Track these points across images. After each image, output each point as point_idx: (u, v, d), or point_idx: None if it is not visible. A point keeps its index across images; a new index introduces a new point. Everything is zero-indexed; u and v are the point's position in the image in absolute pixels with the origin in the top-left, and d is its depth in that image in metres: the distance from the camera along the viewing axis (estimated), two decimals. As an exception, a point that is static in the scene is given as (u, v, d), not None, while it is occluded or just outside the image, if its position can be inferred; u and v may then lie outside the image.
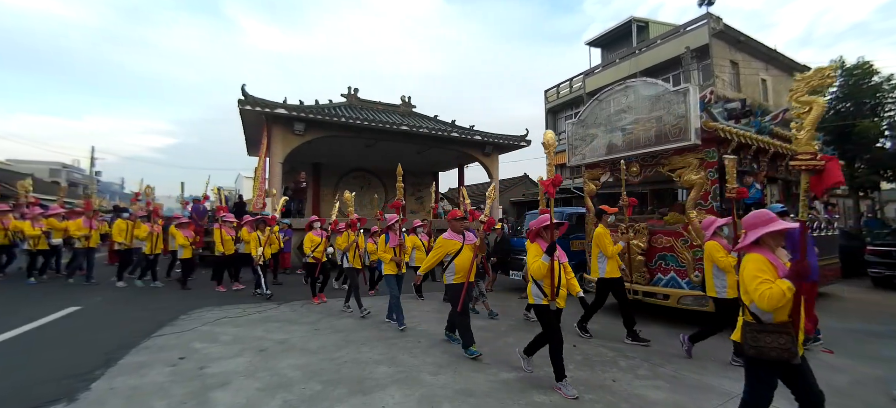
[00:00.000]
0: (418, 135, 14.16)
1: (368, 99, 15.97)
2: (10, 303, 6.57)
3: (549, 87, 26.19)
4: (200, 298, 7.31)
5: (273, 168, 12.21)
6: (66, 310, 6.13)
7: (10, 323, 5.25)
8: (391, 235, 5.84)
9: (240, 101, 11.47)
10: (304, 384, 3.59)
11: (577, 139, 7.37)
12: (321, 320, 5.98)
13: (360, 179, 18.42)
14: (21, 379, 3.60)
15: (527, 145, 16.23)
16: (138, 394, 3.35)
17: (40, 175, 29.80)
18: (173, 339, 4.88)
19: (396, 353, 4.46)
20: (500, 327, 5.75)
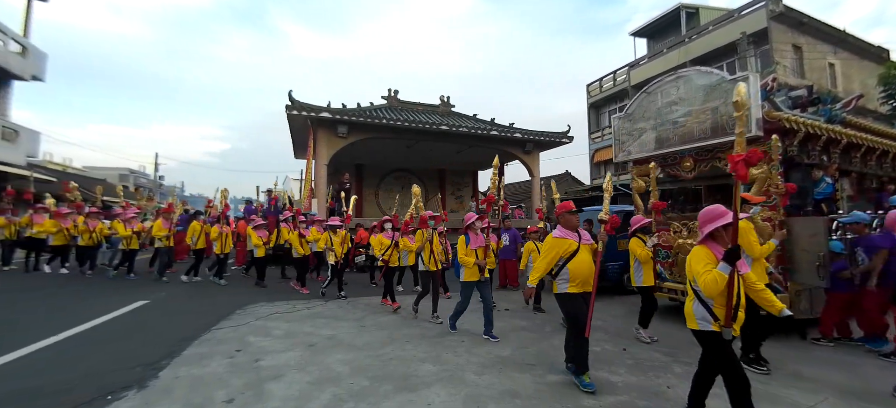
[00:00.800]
0: (457, 134, 14.16)
1: (408, 100, 16.16)
2: (86, 297, 7.21)
3: (591, 81, 25.40)
4: (253, 295, 7.70)
5: (318, 170, 12.65)
6: (136, 304, 6.64)
7: (87, 315, 5.74)
8: (472, 236, 5.25)
9: (287, 106, 11.96)
10: (351, 379, 3.68)
11: (624, 134, 7.08)
12: (366, 317, 6.12)
13: (401, 179, 18.67)
14: (97, 367, 3.92)
15: (568, 142, 15.81)
16: (201, 384, 3.56)
17: (111, 180, 32.55)
18: (230, 332, 5.16)
19: (441, 351, 4.48)
20: (545, 327, 5.63)
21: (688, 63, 17.54)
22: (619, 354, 4.55)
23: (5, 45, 15.11)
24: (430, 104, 16.29)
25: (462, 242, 5.22)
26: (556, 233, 3.89)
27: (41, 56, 16.74)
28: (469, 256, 5.13)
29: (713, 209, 2.77)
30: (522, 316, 6.23)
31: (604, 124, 24.30)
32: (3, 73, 15.51)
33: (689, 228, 5.94)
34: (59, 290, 7.84)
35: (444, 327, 5.54)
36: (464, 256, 5.16)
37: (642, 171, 6.90)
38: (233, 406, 3.16)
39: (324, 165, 12.69)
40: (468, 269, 5.15)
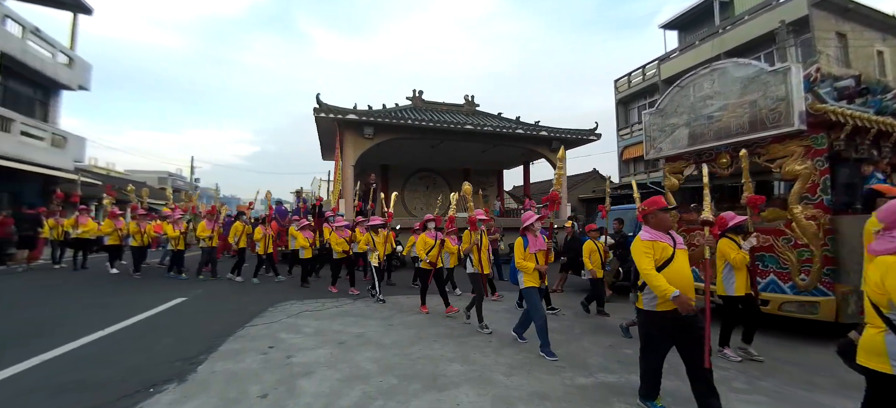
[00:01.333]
0: (482, 133, 14.13)
1: (432, 101, 16.24)
2: (129, 295, 7.58)
3: (619, 76, 24.80)
4: (283, 293, 7.90)
5: (345, 171, 12.86)
6: (175, 301, 6.94)
7: (130, 311, 6.05)
8: (531, 239, 4.63)
9: (315, 109, 12.23)
10: (380, 377, 3.72)
11: (656, 130, 6.88)
12: (393, 315, 6.18)
13: (426, 179, 18.79)
14: (140, 361, 4.11)
15: (596, 139, 15.51)
16: (236, 379, 3.68)
17: (151, 183, 34.10)
18: (263, 329, 5.32)
19: (468, 352, 4.47)
20: (574, 329, 5.54)
21: (722, 55, 16.85)
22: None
23: (54, 57, 16.08)
24: (454, 104, 16.32)
25: (519, 245, 4.67)
26: (643, 235, 3.13)
27: (86, 67, 17.72)
28: (528, 260, 4.58)
29: None
30: (550, 317, 6.12)
31: (633, 120, 23.68)
32: (52, 84, 16.51)
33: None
34: (105, 287, 8.28)
35: (471, 326, 5.52)
36: (522, 260, 4.59)
37: (675, 168, 6.68)
38: (266, 401, 3.24)
39: (350, 166, 12.91)
40: (528, 275, 4.60)
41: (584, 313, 6.48)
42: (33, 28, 14.85)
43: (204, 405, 3.16)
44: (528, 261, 4.59)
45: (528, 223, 4.74)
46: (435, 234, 6.63)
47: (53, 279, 9.20)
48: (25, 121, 14.35)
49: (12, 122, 13.60)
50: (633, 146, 22.91)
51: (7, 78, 14.28)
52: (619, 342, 4.98)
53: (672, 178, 6.69)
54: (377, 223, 7.85)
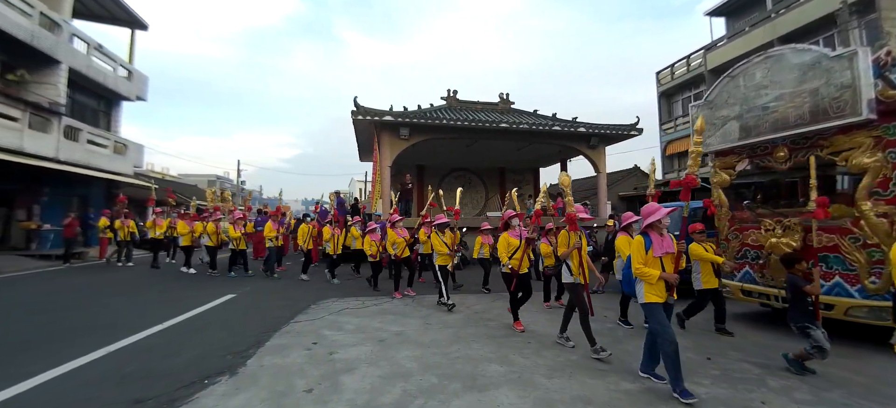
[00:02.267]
0: (517, 131, 13.95)
1: (467, 100, 16.20)
2: (185, 291, 8.06)
3: (661, 68, 23.76)
4: (325, 291, 8.14)
5: (382, 171, 13.08)
6: (225, 297, 7.32)
7: (186, 306, 6.44)
8: (655, 239, 3.59)
9: (352, 111, 12.51)
10: (420, 376, 3.75)
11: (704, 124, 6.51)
12: (431, 314, 6.22)
13: (461, 178, 18.77)
14: (195, 354, 4.35)
15: (638, 134, 14.93)
16: (283, 373, 3.82)
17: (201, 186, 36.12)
18: (307, 326, 5.50)
19: (507, 352, 4.43)
20: (617, 332, 5.36)
21: (775, 42, 15.78)
22: (701, 363, 4.21)
23: (115, 71, 17.35)
24: (489, 102, 16.21)
25: (639, 245, 3.60)
26: None
27: (143, 79, 19.01)
28: (652, 266, 3.53)
29: None
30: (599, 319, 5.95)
31: (677, 114, 22.65)
32: (114, 95, 17.84)
33: (785, 225, 5.34)
34: (163, 285, 8.85)
35: (508, 328, 5.45)
36: (643, 266, 3.53)
37: (726, 163, 6.33)
38: (312, 396, 3.35)
39: (387, 167, 13.11)
40: (651, 286, 3.53)
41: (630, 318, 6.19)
42: (97, 45, 16.09)
43: (254, 398, 3.30)
44: (652, 267, 3.53)
45: (651, 219, 3.63)
46: (519, 232, 5.68)
47: (118, 276, 9.94)
48: (91, 130, 15.58)
49: (79, 131, 14.80)
50: (677, 141, 21.91)
51: (74, 91, 15.55)
52: (665, 346, 4.77)
53: (722, 173, 6.34)
54: (443, 222, 7.45)
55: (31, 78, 13.29)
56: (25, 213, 14.06)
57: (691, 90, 21.77)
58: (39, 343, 4.61)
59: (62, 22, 14.13)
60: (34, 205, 14.25)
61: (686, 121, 21.42)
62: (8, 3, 12.01)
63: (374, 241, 8.10)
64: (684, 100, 22.34)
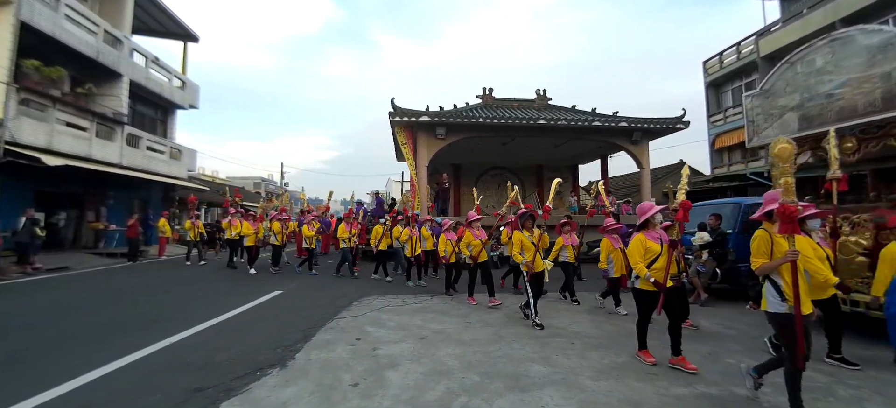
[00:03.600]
0: (556, 128, 13.69)
1: (503, 97, 16.07)
2: (237, 287, 8.49)
3: (709, 57, 22.54)
4: (368, 288, 8.33)
5: (419, 171, 13.22)
6: (273, 293, 7.65)
7: (238, 302, 6.78)
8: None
9: (390, 113, 12.73)
10: (462, 374, 3.76)
11: (759, 114, 6.15)
12: (471, 313, 6.22)
13: (498, 176, 18.66)
14: (248, 346, 4.57)
15: (684, 128, 14.27)
16: (330, 367, 3.95)
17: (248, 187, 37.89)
18: (350, 322, 5.65)
19: (550, 353, 4.35)
20: (665, 334, 5.13)
21: (838, 23, 14.58)
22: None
23: (170, 81, 18.52)
24: (525, 99, 16.01)
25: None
26: None
27: (195, 88, 20.19)
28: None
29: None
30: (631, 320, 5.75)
31: (726, 105, 21.41)
32: (169, 104, 19.06)
33: (853, 222, 4.93)
34: (219, 281, 9.36)
35: (552, 327, 5.35)
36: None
37: (784, 156, 5.91)
38: (358, 390, 3.43)
39: (424, 167, 13.23)
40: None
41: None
42: (154, 58, 17.24)
43: (303, 390, 3.42)
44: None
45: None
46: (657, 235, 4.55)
47: (178, 273, 10.62)
48: (150, 137, 16.73)
49: (140, 138, 15.93)
50: (727, 133, 20.70)
51: (134, 101, 16.74)
52: (719, 350, 4.54)
53: (781, 167, 5.93)
54: (526, 213, 6.33)
55: (98, 91, 14.43)
56: (94, 214, 15.31)
57: (742, 79, 20.53)
58: (112, 333, 5.00)
59: (123, 38, 15.25)
60: (101, 207, 15.48)
61: (737, 112, 20.21)
62: (77, 23, 13.11)
63: (450, 240, 7.50)
64: (734, 90, 21.10)
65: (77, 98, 13.60)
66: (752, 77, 19.79)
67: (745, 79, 20.26)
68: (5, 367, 3.89)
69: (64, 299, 7.19)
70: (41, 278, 9.54)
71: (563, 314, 6.13)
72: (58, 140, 12.21)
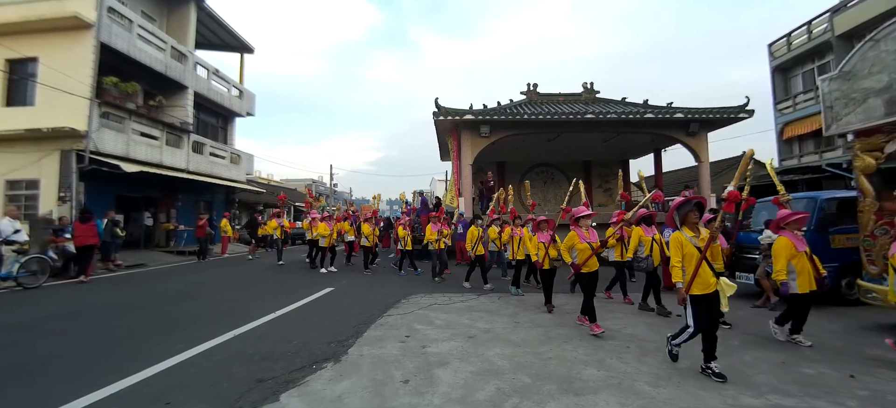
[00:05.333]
0: (605, 121, 13.18)
1: (548, 92, 15.72)
2: (293, 284, 8.91)
3: (775, 39, 20.80)
4: (412, 287, 8.45)
5: (464, 170, 13.22)
6: (326, 290, 7.96)
7: (294, 298, 7.11)
8: None
9: (434, 112, 12.81)
10: (513, 375, 3.70)
11: (838, 99, 5.59)
12: (519, 313, 6.14)
13: (543, 174, 18.27)
14: (304, 340, 4.77)
15: (748, 117, 13.25)
16: (381, 363, 4.04)
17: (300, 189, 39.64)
18: (399, 319, 5.75)
19: (604, 356, 4.19)
20: (732, 340, 4.79)
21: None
22: (843, 380, 3.60)
23: (229, 91, 19.76)
24: (571, 93, 15.57)
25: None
26: None
27: (251, 97, 21.39)
28: None
29: None
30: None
31: (795, 90, 19.67)
32: (228, 113, 20.33)
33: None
34: (279, 278, 9.87)
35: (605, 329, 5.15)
36: None
37: (870, 144, 5.34)
38: (408, 387, 3.48)
39: (468, 165, 13.21)
40: None
41: (746, 324, 5.49)
42: (214, 70, 18.45)
43: (356, 384, 3.52)
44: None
45: None
46: None
47: (242, 270, 11.32)
48: (212, 144, 17.93)
49: (204, 145, 17.11)
50: (797, 122, 19.02)
51: (198, 111, 18.00)
52: (794, 359, 4.16)
53: (866, 157, 5.35)
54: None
55: (167, 102, 15.68)
56: (165, 216, 16.67)
57: (814, 62, 18.77)
58: (185, 325, 5.41)
59: (188, 53, 16.44)
60: (172, 209, 16.83)
61: (808, 98, 18.53)
62: (147, 41, 14.30)
63: (543, 242, 6.27)
64: (805, 73, 19.34)
65: (149, 110, 14.85)
66: (825, 59, 18.04)
67: (818, 61, 18.51)
68: (99, 353, 4.31)
69: (143, 294, 7.88)
70: (122, 274, 10.52)
71: (616, 316, 5.89)
72: (134, 148, 13.40)
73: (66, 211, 11.37)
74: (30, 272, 8.36)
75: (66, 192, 11.64)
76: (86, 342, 4.71)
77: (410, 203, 13.28)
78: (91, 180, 12.19)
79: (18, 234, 8.54)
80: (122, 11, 13.27)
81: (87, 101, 11.81)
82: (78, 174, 11.78)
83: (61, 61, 11.85)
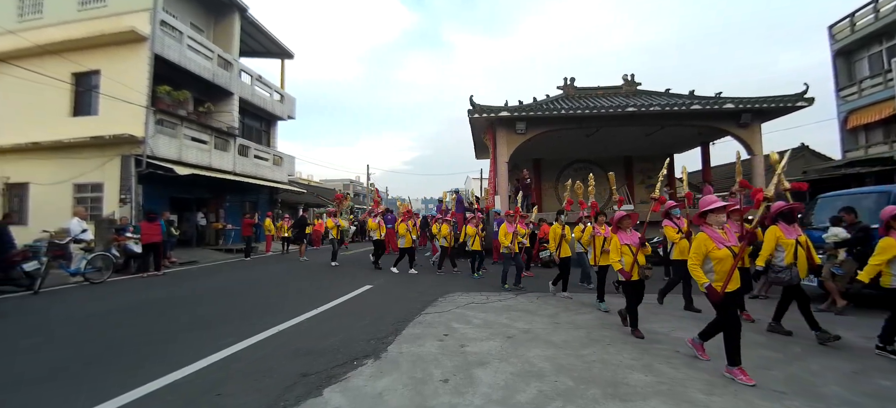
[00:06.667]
0: (647, 114, 12.66)
1: (586, 86, 15.30)
2: (334, 282, 9.13)
3: (835, 20, 19.22)
4: (449, 285, 8.45)
5: (500, 167, 13.08)
6: (364, 287, 8.10)
7: (334, 295, 7.26)
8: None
9: (469, 110, 12.76)
10: (555, 377, 3.60)
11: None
12: (559, 313, 5.99)
13: (581, 171, 17.79)
14: (344, 337, 4.86)
15: (807, 106, 12.32)
16: (420, 361, 4.04)
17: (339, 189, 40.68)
18: (437, 317, 5.76)
19: (651, 360, 4.00)
20: (794, 347, 4.45)
21: None
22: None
23: (271, 96, 20.54)
24: (611, 87, 15.09)
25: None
26: None
27: (292, 101, 22.15)
28: None
29: None
30: (756, 329, 5.08)
31: (861, 75, 18.09)
32: (271, 117, 21.14)
33: None
34: (319, 275, 10.18)
35: (651, 333, 4.93)
36: None
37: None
38: (448, 386, 3.46)
39: (504, 163, 13.07)
40: None
41: (808, 328, 5.03)
42: (257, 76, 19.24)
43: (396, 382, 3.54)
44: None
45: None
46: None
47: (284, 267, 11.75)
48: (256, 147, 18.71)
49: (248, 148, 17.89)
50: (863, 109, 17.49)
51: (243, 116, 18.82)
52: (867, 368, 3.81)
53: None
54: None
55: (214, 109, 16.50)
56: (215, 215, 17.58)
57: (882, 43, 17.20)
58: (233, 319, 5.67)
59: (233, 61, 17.23)
60: (220, 209, 17.72)
61: (875, 83, 17.01)
62: (196, 51, 15.11)
63: (628, 244, 5.04)
64: (872, 56, 17.77)
65: (199, 116, 15.69)
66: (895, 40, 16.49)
67: (887, 42, 16.96)
68: (157, 346, 4.57)
69: (195, 289, 8.33)
70: (176, 271, 11.17)
71: (661, 318, 5.62)
72: (185, 153, 14.20)
73: (127, 212, 12.22)
74: (95, 269, 9.02)
75: (126, 194, 12.52)
76: (145, 335, 5.01)
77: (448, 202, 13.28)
78: (148, 183, 13.03)
79: (85, 233, 9.24)
80: (174, 24, 14.08)
81: (144, 109, 12.63)
82: (136, 177, 12.63)
83: (120, 73, 12.75)
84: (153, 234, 10.32)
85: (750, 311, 5.66)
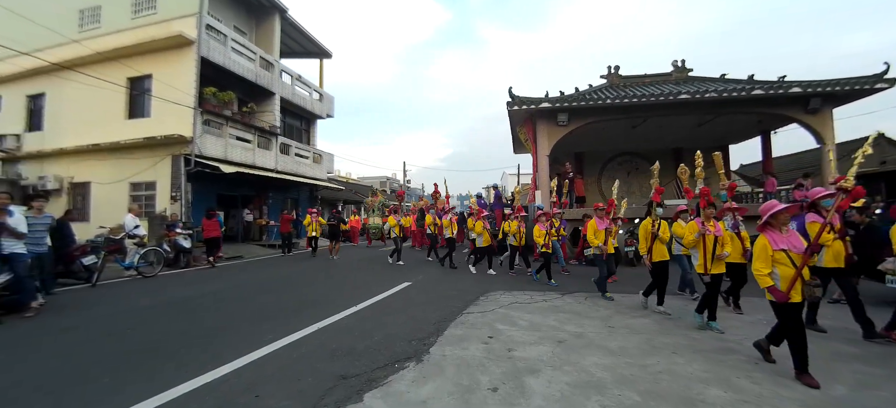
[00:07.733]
0: (701, 102, 11.73)
1: (631, 75, 14.47)
2: (371, 278, 9.05)
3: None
4: (489, 283, 8.13)
5: (540, 161, 12.58)
6: (403, 285, 7.93)
7: (372, 293, 7.11)
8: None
9: (508, 102, 12.33)
10: (617, 390, 3.22)
11: None
12: (612, 316, 5.54)
13: (626, 163, 16.93)
14: (384, 336, 4.67)
15: (888, 87, 10.99)
16: (466, 366, 3.76)
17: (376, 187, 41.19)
18: (479, 318, 5.46)
19: (728, 373, 3.53)
20: (894, 361, 3.83)
21: None
22: None
23: (311, 95, 20.91)
24: (659, 74, 14.19)
25: None
26: None
27: (331, 100, 22.47)
28: None
29: None
30: (848, 339, 4.44)
31: (952, 54, 16.03)
32: (311, 116, 21.54)
33: None
34: (357, 272, 10.15)
35: (721, 341, 4.42)
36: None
37: None
38: (498, 396, 3.16)
39: (545, 157, 12.56)
40: None
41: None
42: (297, 76, 19.61)
43: (440, 389, 3.28)
44: None
45: None
46: None
47: (322, 263, 11.85)
48: (297, 145, 19.09)
49: (289, 146, 18.27)
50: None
51: (284, 115, 19.24)
52: None
53: None
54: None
55: (257, 109, 16.94)
56: (258, 212, 18.10)
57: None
58: (273, 316, 5.61)
59: (274, 61, 17.62)
60: (263, 206, 18.23)
61: (973, 61, 14.98)
62: (240, 53, 15.54)
63: (785, 249, 3.78)
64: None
65: (243, 116, 16.15)
66: None
67: None
68: (200, 341, 4.55)
69: (240, 284, 8.46)
70: (223, 266, 11.50)
71: (733, 325, 5.05)
72: (230, 151, 14.64)
73: (177, 209, 12.73)
74: (148, 263, 9.40)
75: (176, 191, 13.04)
76: (190, 330, 5.02)
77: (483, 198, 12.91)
78: (196, 181, 13.53)
79: (138, 229, 9.64)
80: (218, 27, 14.52)
81: (192, 110, 13.10)
82: (186, 176, 13.13)
83: (170, 76, 13.28)
84: (212, 229, 11.48)
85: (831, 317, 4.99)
